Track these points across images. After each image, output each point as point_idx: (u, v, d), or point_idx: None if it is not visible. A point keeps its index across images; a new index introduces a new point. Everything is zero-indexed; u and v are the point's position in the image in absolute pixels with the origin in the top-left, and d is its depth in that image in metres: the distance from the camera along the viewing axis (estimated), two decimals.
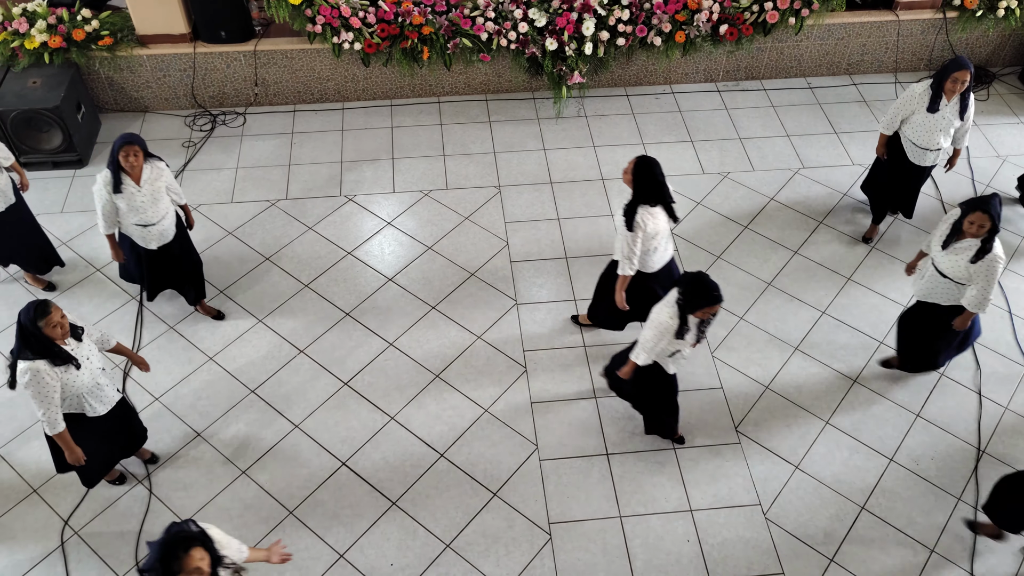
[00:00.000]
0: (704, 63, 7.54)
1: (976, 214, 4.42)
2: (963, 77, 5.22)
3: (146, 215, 4.86)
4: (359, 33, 6.73)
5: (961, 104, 5.40)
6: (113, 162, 4.68)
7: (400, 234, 6.19)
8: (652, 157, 4.59)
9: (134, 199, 4.78)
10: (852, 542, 4.61)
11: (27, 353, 3.84)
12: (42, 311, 3.80)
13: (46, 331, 3.81)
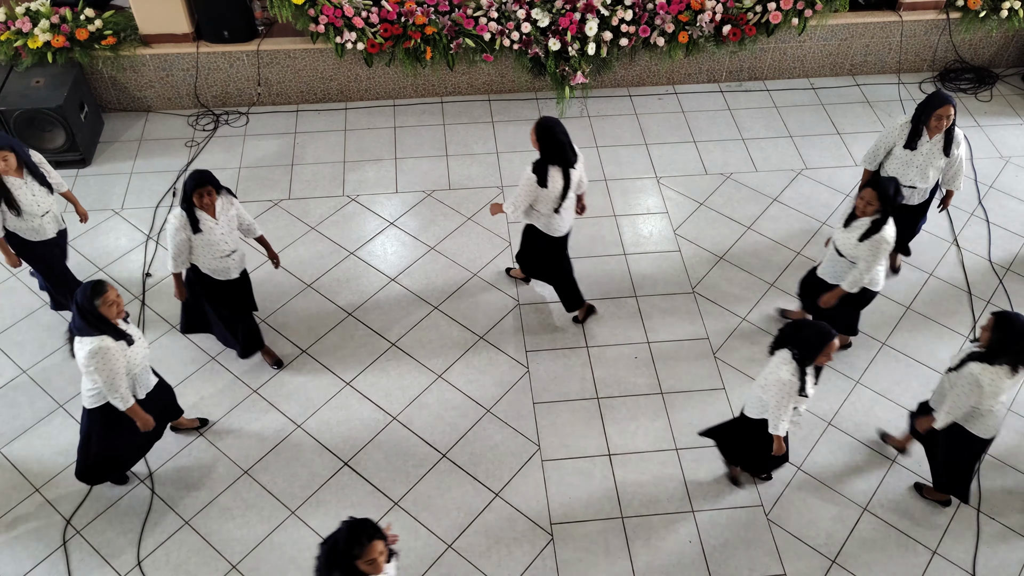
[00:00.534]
0: (707, 63, 7.53)
1: (866, 191, 4.52)
2: (946, 113, 4.93)
3: (226, 246, 4.71)
4: (362, 33, 6.73)
5: (946, 141, 5.08)
6: (187, 202, 4.52)
7: (403, 234, 6.19)
8: (555, 118, 4.84)
9: (213, 234, 4.62)
10: (854, 543, 4.60)
11: (89, 331, 3.92)
12: (98, 290, 3.88)
13: (102, 309, 3.89)
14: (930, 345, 5.57)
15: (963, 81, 7.70)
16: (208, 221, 4.60)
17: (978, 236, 6.30)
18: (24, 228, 4.94)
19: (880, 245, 4.58)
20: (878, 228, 4.57)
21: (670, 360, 5.43)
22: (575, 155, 4.90)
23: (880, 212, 4.55)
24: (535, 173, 4.81)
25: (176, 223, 4.57)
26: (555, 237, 5.13)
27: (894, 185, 4.55)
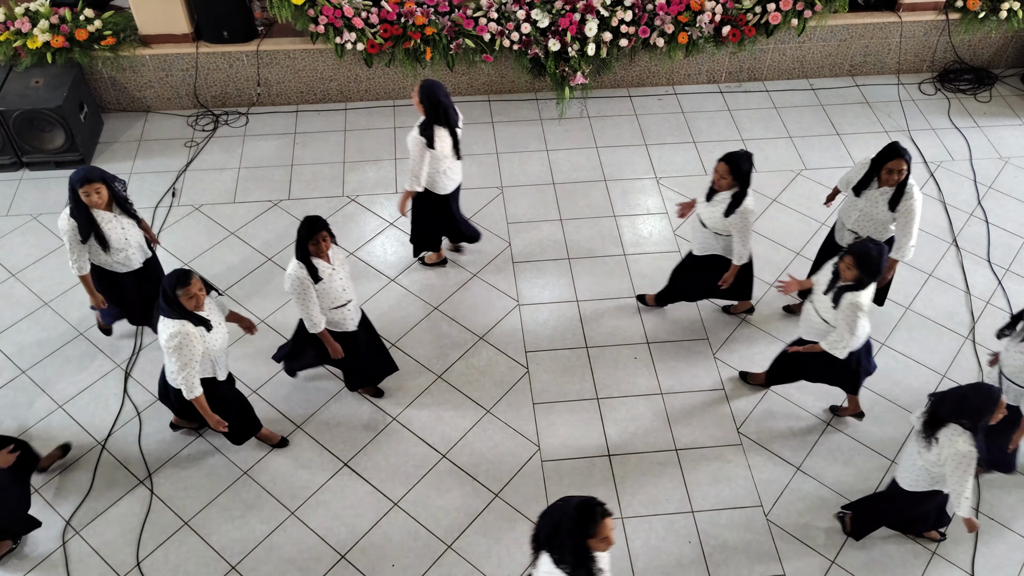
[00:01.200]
0: (707, 64, 7.54)
1: (719, 164, 4.62)
2: (897, 167, 4.63)
3: (344, 294, 4.51)
4: (362, 33, 6.73)
5: (894, 194, 4.75)
6: (302, 252, 4.26)
7: (402, 235, 6.18)
8: (436, 81, 5.05)
9: (332, 282, 4.40)
10: (853, 544, 4.60)
11: (172, 314, 3.98)
12: (182, 281, 3.93)
13: (182, 300, 3.94)
14: (929, 345, 5.57)
15: (962, 82, 7.71)
16: (326, 268, 4.35)
17: (977, 236, 6.31)
18: (109, 261, 4.76)
19: (747, 215, 4.75)
20: (739, 201, 4.70)
21: (670, 361, 5.43)
22: (457, 115, 5.18)
23: (738, 185, 4.68)
24: (423, 136, 5.04)
25: (295, 275, 4.26)
26: (443, 195, 5.38)
27: (748, 157, 4.65)
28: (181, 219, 6.26)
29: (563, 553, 3.14)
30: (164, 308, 4.01)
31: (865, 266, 4.18)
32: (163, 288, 3.95)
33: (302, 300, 4.34)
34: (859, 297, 4.25)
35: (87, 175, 4.43)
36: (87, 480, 4.76)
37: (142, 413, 5.07)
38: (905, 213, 4.77)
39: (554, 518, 3.18)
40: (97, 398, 5.15)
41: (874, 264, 4.17)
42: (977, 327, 5.69)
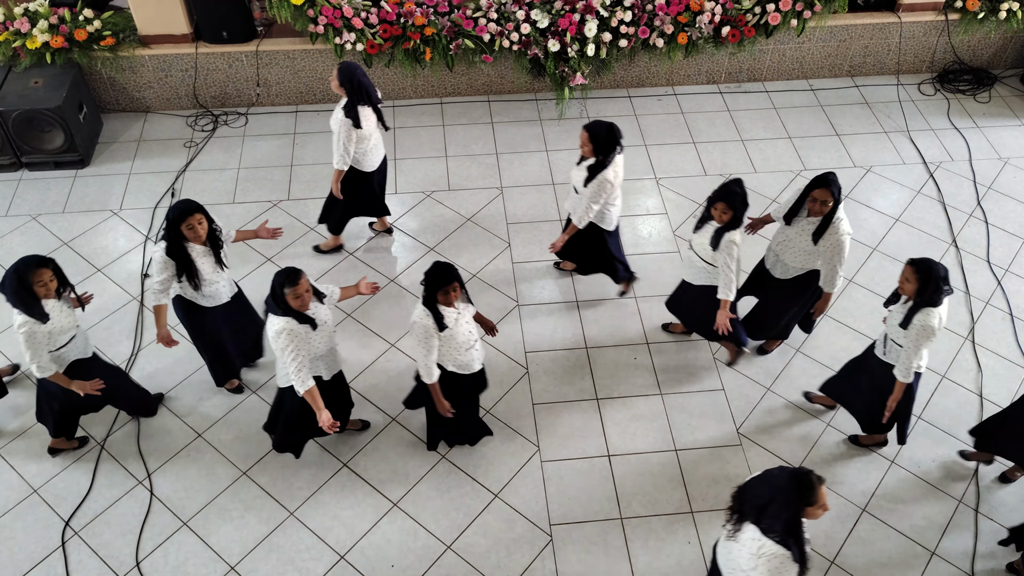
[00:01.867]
0: (706, 65, 7.54)
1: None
2: (822, 196, 4.48)
3: (473, 334, 4.33)
4: (361, 34, 6.73)
5: (820, 226, 4.60)
6: (430, 300, 4.08)
7: (402, 235, 6.18)
8: (353, 63, 5.15)
9: (458, 326, 4.21)
10: (853, 544, 4.60)
11: (278, 311, 3.98)
12: (291, 280, 3.91)
13: (288, 299, 3.92)
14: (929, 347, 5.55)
15: (962, 82, 7.71)
16: (452, 314, 4.16)
17: (977, 237, 6.31)
18: (197, 295, 4.57)
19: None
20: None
21: (669, 361, 5.43)
22: (377, 92, 5.30)
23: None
24: (348, 117, 5.11)
25: (424, 325, 4.10)
26: (368, 171, 5.49)
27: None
28: None
29: (775, 523, 3.17)
30: (271, 305, 4.01)
31: (731, 202, 4.47)
32: (272, 285, 3.96)
33: (423, 348, 4.16)
34: (734, 235, 4.56)
35: (188, 206, 4.24)
36: (86, 481, 4.76)
37: None
38: (831, 248, 4.61)
39: (766, 490, 3.23)
40: None
41: (739, 199, 4.47)
42: (976, 327, 5.69)
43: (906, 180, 6.77)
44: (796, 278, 4.92)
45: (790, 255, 4.82)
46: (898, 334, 4.29)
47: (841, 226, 4.58)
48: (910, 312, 4.18)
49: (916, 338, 4.18)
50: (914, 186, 6.71)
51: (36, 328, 4.08)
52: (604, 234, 5.28)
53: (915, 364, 4.28)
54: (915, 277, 4.13)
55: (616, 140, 4.86)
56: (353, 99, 5.15)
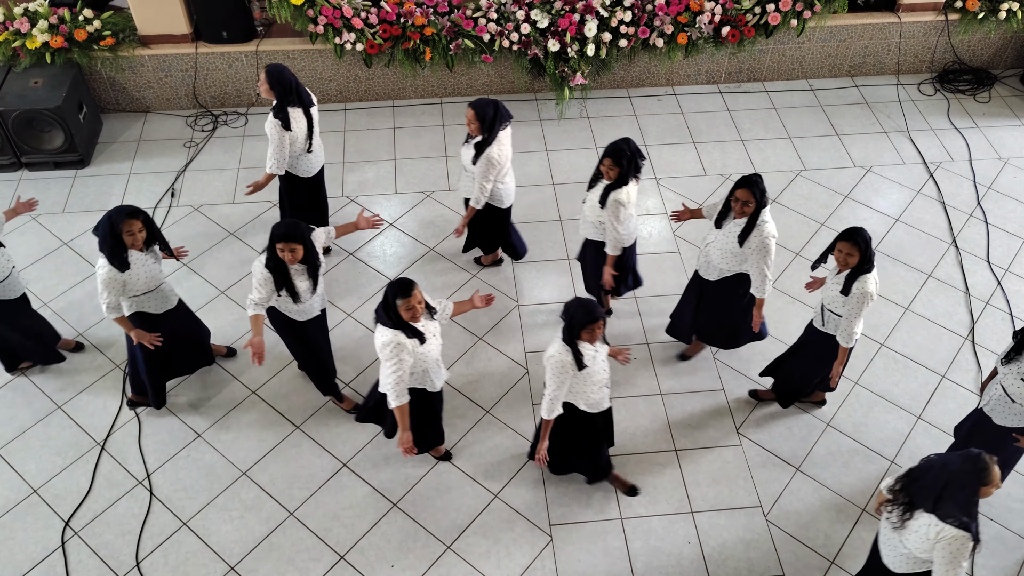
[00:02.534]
0: (706, 65, 7.54)
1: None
2: (743, 196, 4.44)
3: (607, 372, 4.27)
4: (361, 34, 6.73)
5: (745, 228, 4.54)
6: (573, 337, 3.96)
7: (402, 235, 6.18)
8: (280, 64, 5.10)
9: (596, 363, 4.13)
10: (853, 544, 4.60)
11: (388, 322, 3.96)
12: (404, 292, 3.88)
13: (400, 310, 3.90)
14: (929, 346, 5.57)
15: (962, 82, 7.71)
16: (590, 351, 4.05)
17: (977, 237, 6.31)
18: (293, 309, 4.54)
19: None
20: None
21: (669, 361, 5.43)
22: (309, 95, 5.22)
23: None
24: (277, 119, 5.05)
25: (560, 364, 3.98)
26: (309, 178, 5.43)
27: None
28: (180, 219, 6.26)
29: (952, 507, 3.27)
30: (381, 315, 3.98)
31: (616, 158, 4.61)
32: (384, 295, 3.93)
33: (554, 384, 4.02)
34: (620, 194, 4.68)
35: (288, 232, 4.17)
36: (86, 481, 4.76)
37: (140, 414, 5.07)
38: (756, 250, 4.56)
39: (939, 476, 3.33)
40: (96, 399, 5.14)
41: (625, 156, 4.61)
42: (976, 328, 5.69)
43: (906, 180, 6.77)
44: (726, 281, 4.88)
45: (718, 256, 4.78)
46: (836, 304, 4.43)
47: (766, 228, 4.52)
48: (848, 281, 4.32)
49: (857, 304, 4.33)
50: (914, 186, 6.71)
51: (114, 275, 4.27)
52: (500, 213, 5.44)
53: (856, 330, 4.42)
54: (856, 250, 4.24)
55: (502, 117, 5.01)
56: (283, 100, 5.06)
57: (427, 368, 4.19)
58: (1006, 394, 4.17)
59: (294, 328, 4.65)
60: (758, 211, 4.48)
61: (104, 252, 4.25)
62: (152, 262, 4.44)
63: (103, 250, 4.24)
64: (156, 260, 4.49)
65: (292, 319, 4.59)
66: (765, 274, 4.65)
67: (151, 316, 4.61)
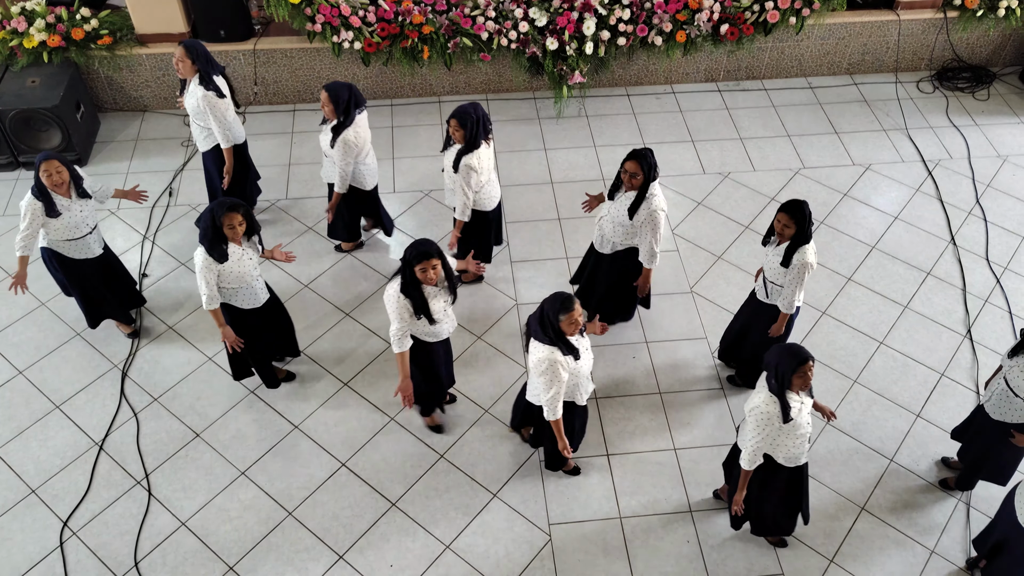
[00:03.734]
0: (705, 63, 7.53)
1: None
2: (632, 169, 4.58)
3: (808, 428, 4.03)
4: (359, 32, 6.72)
5: (635, 200, 4.70)
6: (784, 387, 3.78)
7: (400, 234, 6.17)
8: (196, 41, 5.20)
9: (801, 416, 3.91)
10: (852, 543, 4.60)
11: (544, 337, 3.95)
12: (566, 308, 3.87)
13: (563, 326, 3.89)
14: (927, 344, 5.57)
15: (960, 80, 7.71)
16: (797, 403, 3.88)
17: (976, 235, 6.31)
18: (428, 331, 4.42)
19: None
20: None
21: (668, 360, 5.43)
22: (222, 67, 5.42)
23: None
24: (210, 90, 5.19)
25: (768, 416, 3.84)
26: (240, 144, 5.59)
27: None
28: (178, 219, 6.24)
29: None
30: (537, 331, 3.96)
31: (462, 121, 4.82)
32: (542, 310, 3.91)
33: (758, 436, 3.90)
34: (471, 159, 4.91)
35: (427, 250, 4.12)
36: (84, 481, 4.75)
37: (139, 414, 5.06)
38: (645, 223, 4.71)
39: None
40: (94, 399, 5.14)
41: (471, 120, 4.81)
42: (975, 325, 5.69)
43: (905, 178, 6.76)
44: (618, 255, 5.00)
45: (610, 229, 4.91)
46: (778, 275, 4.55)
47: (654, 202, 4.69)
48: (788, 252, 4.43)
49: (797, 275, 4.46)
50: (913, 184, 6.71)
51: (212, 265, 4.37)
52: (364, 195, 5.51)
53: (797, 298, 4.56)
54: (792, 221, 4.35)
55: (357, 101, 5.07)
56: (207, 70, 5.20)
57: (578, 383, 4.19)
58: (1008, 387, 4.20)
59: (423, 350, 4.52)
60: (647, 184, 4.64)
61: (204, 244, 4.35)
62: (248, 256, 4.52)
63: (203, 242, 4.34)
64: (254, 255, 4.58)
65: (422, 340, 4.47)
66: (652, 246, 4.82)
67: (239, 311, 4.68)
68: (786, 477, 4.12)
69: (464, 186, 5.02)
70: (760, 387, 3.90)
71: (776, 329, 4.75)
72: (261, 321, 4.81)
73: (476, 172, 4.98)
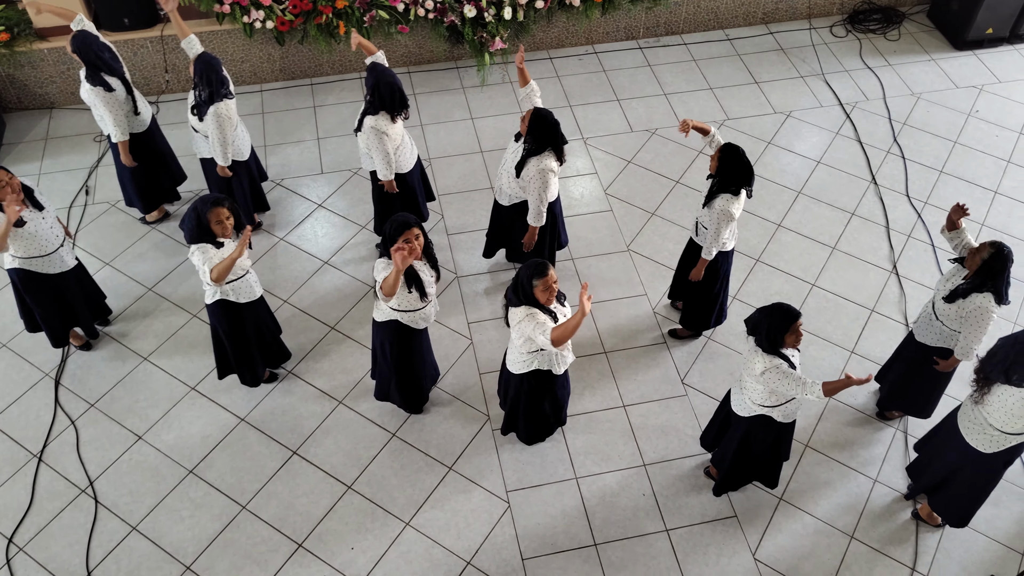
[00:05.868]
0: (624, 21, 7.53)
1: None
2: (528, 119, 4.69)
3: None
4: (270, 11, 6.52)
5: (522, 157, 4.79)
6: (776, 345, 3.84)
7: (332, 215, 6.07)
8: (87, 34, 5.15)
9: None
10: (799, 480, 4.76)
11: (518, 301, 3.96)
12: (539, 272, 3.86)
13: (536, 292, 3.88)
14: (857, 282, 5.74)
15: (872, 22, 7.88)
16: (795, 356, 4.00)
17: (895, 173, 6.50)
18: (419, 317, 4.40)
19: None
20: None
21: (610, 319, 5.48)
22: (118, 59, 5.32)
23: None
24: (97, 85, 5.10)
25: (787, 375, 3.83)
26: (141, 132, 5.50)
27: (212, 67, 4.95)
28: (97, 217, 6.02)
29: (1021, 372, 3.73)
30: (512, 298, 3.97)
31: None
32: (517, 277, 3.92)
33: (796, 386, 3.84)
34: (379, 123, 4.85)
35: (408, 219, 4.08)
36: (26, 495, 4.60)
37: (76, 421, 4.91)
38: (534, 179, 4.76)
39: (1010, 350, 3.74)
40: (28, 410, 4.96)
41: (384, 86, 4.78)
42: (900, 260, 5.88)
43: (824, 122, 6.91)
44: (519, 207, 5.08)
45: (506, 181, 4.99)
46: (705, 216, 4.63)
47: (544, 161, 4.72)
48: (710, 195, 4.51)
49: (716, 220, 4.53)
50: (832, 128, 6.86)
51: (212, 254, 4.24)
52: (240, 165, 5.45)
53: (714, 248, 4.65)
54: (714, 159, 4.48)
55: (220, 81, 5.01)
56: (93, 67, 5.10)
57: (557, 351, 4.18)
58: (933, 311, 4.41)
59: (409, 337, 4.48)
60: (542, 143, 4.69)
61: (192, 241, 4.24)
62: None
63: (193, 243, 4.23)
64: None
65: (408, 327, 4.42)
66: (536, 204, 4.87)
67: (234, 305, 4.56)
68: (777, 431, 4.18)
69: (218, 142, 5.10)
70: (752, 353, 3.89)
71: (695, 274, 4.83)
72: (257, 316, 4.72)
73: (228, 119, 5.06)
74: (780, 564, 4.43)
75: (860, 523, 4.60)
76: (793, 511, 4.63)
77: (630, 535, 4.51)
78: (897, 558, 4.48)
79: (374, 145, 4.95)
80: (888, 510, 4.66)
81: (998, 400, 3.84)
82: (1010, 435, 3.91)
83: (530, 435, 4.75)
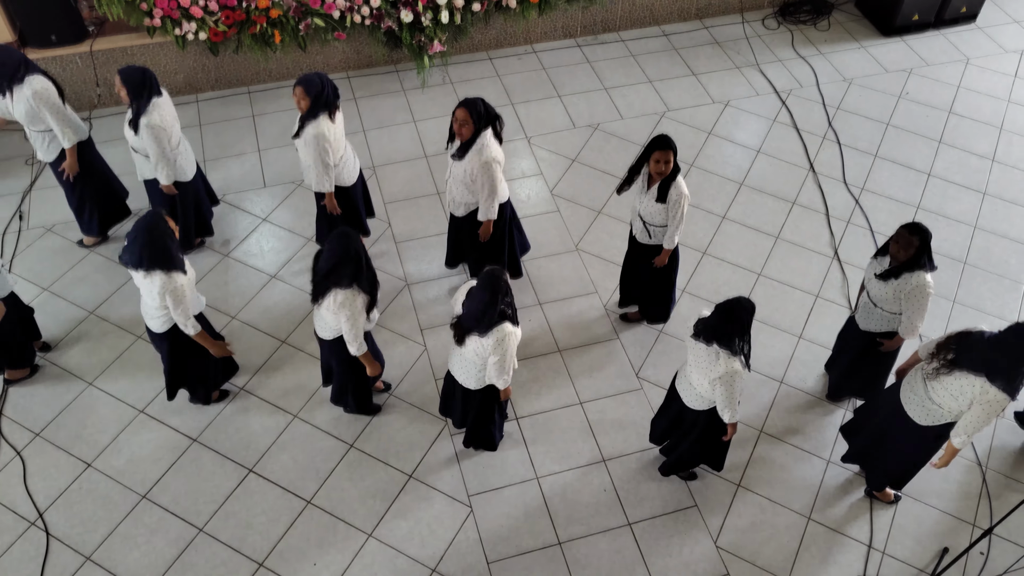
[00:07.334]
0: (561, 20, 7.57)
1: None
2: (460, 116, 4.58)
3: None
4: (202, 23, 6.40)
5: (461, 147, 4.73)
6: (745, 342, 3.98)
7: (278, 229, 5.98)
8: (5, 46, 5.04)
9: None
10: (755, 466, 4.84)
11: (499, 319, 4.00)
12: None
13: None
14: (800, 269, 5.86)
15: (802, 13, 8.05)
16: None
17: (832, 159, 6.65)
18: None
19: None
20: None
21: (563, 318, 5.51)
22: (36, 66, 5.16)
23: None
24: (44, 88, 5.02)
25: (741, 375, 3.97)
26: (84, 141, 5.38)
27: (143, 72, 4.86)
28: (33, 243, 5.84)
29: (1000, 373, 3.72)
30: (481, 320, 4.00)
31: (308, 90, 4.72)
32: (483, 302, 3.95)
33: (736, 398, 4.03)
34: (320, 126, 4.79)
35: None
36: None
37: (22, 452, 4.75)
38: (480, 173, 4.72)
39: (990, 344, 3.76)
40: None
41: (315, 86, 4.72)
42: (840, 246, 6.03)
43: (761, 110, 7.05)
44: (473, 215, 5.06)
45: (456, 190, 4.95)
46: (655, 215, 4.71)
47: (486, 152, 4.63)
48: (662, 188, 4.60)
49: (675, 206, 4.63)
50: (769, 115, 7.00)
51: (182, 281, 4.13)
52: (185, 186, 5.36)
53: (677, 236, 4.75)
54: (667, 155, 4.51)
55: (152, 87, 4.90)
56: (23, 68, 5.02)
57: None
58: (870, 300, 4.51)
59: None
60: (478, 132, 4.60)
61: (159, 266, 4.07)
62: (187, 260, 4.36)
63: (168, 262, 4.08)
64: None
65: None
66: (486, 199, 4.80)
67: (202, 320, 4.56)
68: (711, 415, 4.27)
69: (157, 155, 4.99)
70: (720, 355, 3.93)
71: (661, 260, 4.92)
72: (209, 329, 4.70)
73: (163, 130, 4.93)
74: (742, 550, 4.51)
75: (816, 504, 4.70)
76: (751, 497, 4.71)
77: (594, 531, 4.54)
78: (854, 536, 4.59)
79: (312, 154, 4.88)
80: (842, 490, 4.77)
81: (953, 381, 3.90)
82: (944, 411, 4.01)
83: (499, 436, 4.77)
